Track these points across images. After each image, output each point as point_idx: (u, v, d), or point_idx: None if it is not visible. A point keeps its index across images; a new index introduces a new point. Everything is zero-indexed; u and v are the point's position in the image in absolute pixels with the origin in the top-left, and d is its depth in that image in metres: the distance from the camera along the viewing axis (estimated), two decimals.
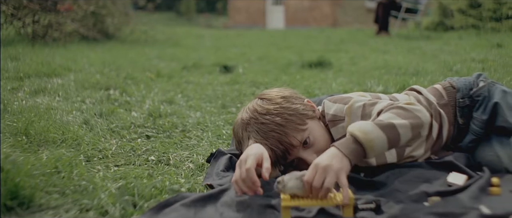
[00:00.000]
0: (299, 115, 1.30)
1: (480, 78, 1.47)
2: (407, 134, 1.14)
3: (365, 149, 1.08)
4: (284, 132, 1.26)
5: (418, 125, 1.16)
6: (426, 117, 1.18)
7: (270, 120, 1.27)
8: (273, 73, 3.16)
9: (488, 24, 7.72)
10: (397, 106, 1.20)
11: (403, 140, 1.14)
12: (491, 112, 1.38)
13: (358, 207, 1.09)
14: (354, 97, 1.34)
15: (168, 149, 1.54)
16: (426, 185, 1.23)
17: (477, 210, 1.04)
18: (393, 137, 1.11)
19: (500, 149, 1.34)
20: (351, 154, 1.07)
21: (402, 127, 1.13)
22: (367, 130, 1.09)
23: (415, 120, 1.15)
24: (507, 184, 1.22)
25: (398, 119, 1.14)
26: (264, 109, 1.30)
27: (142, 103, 2.21)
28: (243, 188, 1.12)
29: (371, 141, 1.08)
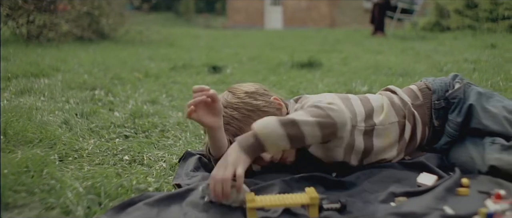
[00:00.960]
0: (258, 111, 1.30)
1: (456, 80, 1.47)
2: (314, 131, 1.12)
3: (262, 142, 1.10)
4: (239, 126, 1.28)
5: (328, 124, 1.13)
6: (340, 117, 1.15)
7: (228, 114, 1.29)
8: (262, 74, 3.16)
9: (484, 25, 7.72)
10: (313, 105, 1.19)
11: (310, 137, 1.12)
12: (466, 114, 1.38)
13: (323, 207, 1.09)
14: (309, 98, 1.33)
15: (143, 149, 1.54)
16: (395, 185, 1.23)
17: (441, 211, 1.04)
18: (295, 133, 1.11)
19: (474, 151, 1.34)
20: (248, 147, 1.09)
21: (305, 124, 1.12)
22: (266, 125, 1.11)
23: (325, 119, 1.14)
24: (477, 185, 1.22)
25: (305, 117, 1.13)
26: (227, 102, 1.32)
27: (126, 104, 2.22)
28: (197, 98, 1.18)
29: (267, 135, 1.10)
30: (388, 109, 1.37)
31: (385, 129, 1.34)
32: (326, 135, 1.15)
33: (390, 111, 1.37)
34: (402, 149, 1.38)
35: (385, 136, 1.34)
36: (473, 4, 8.14)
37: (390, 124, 1.35)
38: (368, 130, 1.32)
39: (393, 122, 1.36)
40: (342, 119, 1.16)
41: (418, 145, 1.44)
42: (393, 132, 1.35)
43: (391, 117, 1.36)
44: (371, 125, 1.32)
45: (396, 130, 1.36)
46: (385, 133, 1.34)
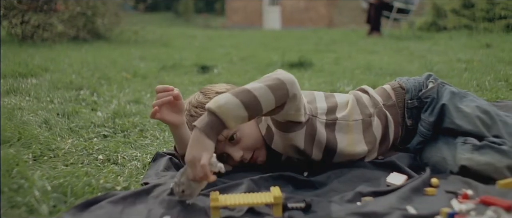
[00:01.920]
0: None
1: (429, 79, 1.47)
2: (267, 95, 1.13)
3: (218, 116, 1.07)
4: None
5: (277, 86, 1.15)
6: (286, 77, 1.17)
7: (198, 113, 1.30)
8: (250, 74, 3.16)
9: (480, 25, 7.70)
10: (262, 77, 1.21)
11: (265, 102, 1.13)
12: (439, 113, 1.38)
13: (288, 206, 1.09)
14: None
15: (118, 148, 1.54)
16: (364, 185, 1.23)
17: (404, 210, 1.04)
18: (249, 100, 1.11)
19: (446, 150, 1.34)
20: (206, 126, 1.06)
21: (256, 89, 1.13)
22: (218, 99, 1.10)
23: (273, 81, 1.15)
24: (446, 185, 1.22)
25: (254, 84, 1.15)
26: (197, 102, 1.33)
27: (109, 104, 2.22)
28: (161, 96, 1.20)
29: (222, 106, 1.08)
30: (352, 106, 1.38)
31: (348, 125, 1.35)
32: (278, 97, 1.15)
33: (354, 108, 1.38)
34: (373, 147, 1.38)
35: (348, 132, 1.34)
36: (470, 4, 8.12)
37: (353, 121, 1.35)
38: (329, 123, 1.32)
39: (356, 120, 1.36)
40: (289, 78, 1.18)
41: (392, 144, 1.44)
42: (356, 128, 1.35)
43: (355, 115, 1.36)
44: (333, 119, 1.33)
45: (359, 127, 1.36)
46: (348, 129, 1.34)
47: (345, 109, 1.38)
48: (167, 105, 1.23)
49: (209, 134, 1.06)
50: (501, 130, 1.36)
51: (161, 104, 1.20)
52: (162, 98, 1.21)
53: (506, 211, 1.05)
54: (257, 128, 1.36)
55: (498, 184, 1.19)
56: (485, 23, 7.78)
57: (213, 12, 20.85)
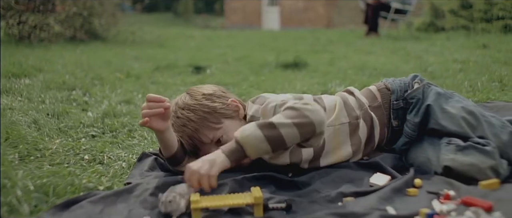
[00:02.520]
0: (215, 114, 1.32)
1: (415, 80, 1.47)
2: (292, 132, 1.14)
3: (242, 145, 1.13)
4: (195, 128, 1.29)
5: (305, 124, 1.15)
6: (316, 115, 1.17)
7: (185, 115, 1.30)
8: (243, 74, 3.17)
9: (478, 25, 7.70)
10: (288, 107, 1.20)
11: (290, 139, 1.14)
12: (424, 114, 1.38)
13: (269, 206, 1.09)
14: (269, 98, 1.34)
15: (105, 148, 1.54)
16: (347, 185, 1.24)
17: (383, 211, 1.05)
18: (273, 135, 1.13)
19: (431, 151, 1.34)
20: (229, 151, 1.13)
21: (283, 126, 1.14)
22: (245, 129, 1.15)
23: (301, 119, 1.15)
24: (429, 185, 1.23)
25: (282, 119, 1.15)
26: (184, 103, 1.33)
27: (100, 104, 2.22)
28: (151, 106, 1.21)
29: (246, 137, 1.12)
30: (339, 109, 1.38)
31: (335, 129, 1.35)
32: (304, 134, 1.16)
33: (342, 111, 1.38)
34: (358, 149, 1.38)
35: (334, 136, 1.35)
36: (468, 4, 8.12)
37: (340, 125, 1.36)
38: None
39: (343, 123, 1.36)
40: (319, 117, 1.18)
41: (377, 145, 1.44)
42: (343, 132, 1.36)
43: (342, 118, 1.37)
44: None
45: (346, 130, 1.36)
46: (334, 133, 1.35)
47: (332, 113, 1.38)
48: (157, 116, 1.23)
49: (229, 156, 1.13)
50: (486, 130, 1.36)
51: (152, 115, 1.20)
52: (153, 108, 1.20)
53: (486, 212, 1.05)
54: None
55: (481, 185, 1.19)
56: (483, 23, 7.77)
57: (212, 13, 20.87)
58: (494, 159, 1.26)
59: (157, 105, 1.21)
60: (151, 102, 1.21)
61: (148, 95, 1.22)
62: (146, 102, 1.21)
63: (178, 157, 1.31)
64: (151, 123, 1.22)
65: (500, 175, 1.25)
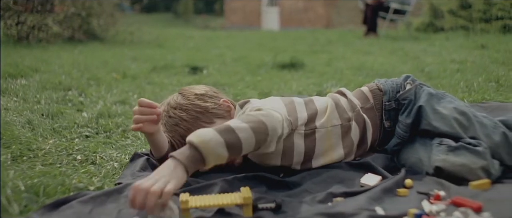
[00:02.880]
0: (207, 113, 1.32)
1: (407, 81, 1.47)
2: (249, 136, 1.09)
3: (201, 152, 1.03)
4: (187, 127, 1.29)
5: (260, 129, 1.11)
6: (272, 123, 1.13)
7: (177, 115, 1.31)
8: (240, 75, 3.17)
9: (477, 25, 7.69)
10: (247, 113, 1.19)
11: (247, 143, 1.09)
12: (416, 115, 1.38)
13: (258, 206, 1.09)
14: (251, 102, 1.34)
15: (98, 149, 1.55)
16: (338, 185, 1.24)
17: (372, 211, 1.05)
18: (232, 140, 1.07)
19: (422, 152, 1.34)
20: (186, 159, 1.01)
21: (241, 130, 1.09)
22: (202, 134, 1.05)
23: (256, 124, 1.11)
24: (420, 186, 1.22)
25: (239, 123, 1.11)
26: (176, 103, 1.33)
27: (95, 104, 2.23)
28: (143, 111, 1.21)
29: (206, 143, 1.03)
30: (331, 111, 1.38)
31: (327, 131, 1.35)
32: (258, 141, 1.12)
33: (333, 113, 1.38)
34: (350, 151, 1.38)
35: (326, 138, 1.34)
36: (467, 4, 8.12)
37: (332, 127, 1.36)
38: (308, 133, 1.32)
39: (335, 125, 1.36)
40: (272, 124, 1.14)
41: (370, 147, 1.44)
42: (335, 134, 1.36)
43: (334, 120, 1.36)
44: (312, 128, 1.33)
45: (338, 132, 1.36)
46: (326, 135, 1.35)
47: (324, 115, 1.37)
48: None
49: (187, 167, 1.01)
50: (478, 131, 1.36)
51: (144, 121, 1.19)
52: (145, 114, 1.20)
53: (475, 212, 1.05)
54: None
55: (471, 185, 1.19)
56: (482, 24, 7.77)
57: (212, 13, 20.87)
58: (485, 159, 1.25)
59: (149, 111, 1.21)
60: (144, 108, 1.21)
61: (140, 100, 1.22)
62: (138, 106, 1.20)
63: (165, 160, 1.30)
64: (143, 127, 1.23)
65: (492, 176, 1.25)
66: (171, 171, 0.99)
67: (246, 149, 1.10)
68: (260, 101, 1.37)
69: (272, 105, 1.28)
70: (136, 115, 1.22)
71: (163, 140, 1.27)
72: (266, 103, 1.36)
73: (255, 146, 1.12)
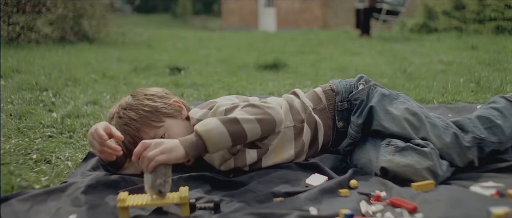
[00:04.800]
0: (156, 113, 1.33)
1: (360, 82, 1.48)
2: (255, 128, 1.16)
3: (204, 140, 1.11)
4: (136, 127, 1.30)
5: (267, 121, 1.18)
6: (277, 114, 1.21)
7: (127, 115, 1.32)
8: (218, 75, 3.18)
9: (471, 26, 7.69)
10: (249, 104, 1.23)
11: (252, 134, 1.16)
12: (367, 116, 1.39)
13: (196, 206, 1.10)
14: (218, 102, 1.35)
15: (55, 149, 1.56)
16: (284, 185, 1.24)
17: (305, 211, 1.05)
18: (236, 131, 1.14)
19: (372, 152, 1.35)
20: (189, 145, 1.10)
21: (246, 122, 1.15)
22: (206, 123, 1.14)
23: (263, 115, 1.18)
24: (366, 186, 1.23)
25: (245, 115, 1.17)
26: (127, 104, 1.35)
27: (67, 105, 2.24)
28: (103, 151, 1.21)
29: (209, 131, 1.11)
30: (285, 113, 1.39)
31: (280, 133, 1.36)
32: (264, 131, 1.19)
33: (287, 115, 1.39)
34: (301, 151, 1.39)
35: (279, 139, 1.35)
36: (461, 5, 8.12)
37: (285, 128, 1.37)
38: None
39: (288, 126, 1.37)
40: (279, 116, 1.22)
41: (322, 147, 1.45)
42: (287, 135, 1.37)
43: (287, 121, 1.38)
44: None
45: (291, 134, 1.37)
46: (279, 136, 1.35)
47: None
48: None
49: (187, 150, 1.10)
50: (429, 131, 1.37)
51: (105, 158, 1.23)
52: (108, 153, 1.22)
53: (410, 213, 1.06)
54: (188, 129, 1.37)
55: (413, 186, 1.20)
56: (475, 25, 7.77)
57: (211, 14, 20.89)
58: (431, 160, 1.26)
59: (112, 153, 1.22)
60: (108, 149, 1.21)
61: (106, 143, 1.20)
62: (101, 141, 1.19)
63: (119, 161, 1.31)
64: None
65: (438, 176, 1.26)
66: (172, 147, 1.09)
67: (251, 138, 1.18)
68: (220, 99, 1.39)
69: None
70: (99, 150, 1.21)
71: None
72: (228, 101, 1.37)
73: (261, 136, 1.19)
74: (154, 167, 1.07)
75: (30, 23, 5.15)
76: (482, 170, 1.36)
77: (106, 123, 1.25)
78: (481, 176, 1.30)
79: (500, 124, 1.45)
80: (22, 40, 5.22)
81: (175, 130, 1.34)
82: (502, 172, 1.33)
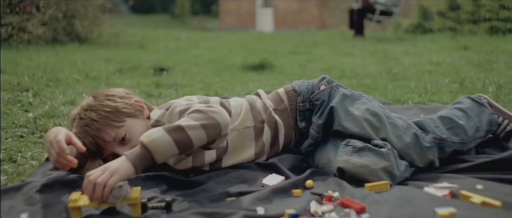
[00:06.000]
0: (117, 113, 1.34)
1: (322, 82, 1.48)
2: (200, 134, 1.17)
3: (149, 150, 1.11)
4: (97, 127, 1.31)
5: (212, 125, 1.18)
6: (221, 117, 1.21)
7: (88, 116, 1.32)
8: (202, 75, 3.19)
9: (465, 27, 7.69)
10: (194, 110, 1.23)
11: (197, 140, 1.17)
12: (328, 116, 1.39)
13: (148, 206, 1.11)
14: (175, 103, 1.36)
15: (22, 148, 1.57)
16: (241, 185, 1.25)
17: (252, 211, 1.06)
18: (182, 138, 1.14)
19: (332, 153, 1.36)
20: (135, 158, 1.11)
21: (191, 128, 1.16)
22: (151, 133, 1.13)
23: (208, 120, 1.18)
24: (322, 186, 1.23)
25: (189, 121, 1.17)
26: (88, 105, 1.36)
27: (44, 105, 2.25)
28: (59, 162, 1.20)
29: (154, 141, 1.11)
30: (245, 113, 1.40)
31: (239, 133, 1.37)
32: (210, 136, 1.19)
33: (247, 115, 1.40)
34: (261, 152, 1.40)
35: (239, 140, 1.37)
36: (456, 6, 8.11)
37: (245, 129, 1.38)
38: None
39: (248, 127, 1.38)
40: (224, 119, 1.21)
41: (284, 148, 1.46)
42: (247, 136, 1.38)
43: (247, 122, 1.39)
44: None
45: (251, 134, 1.38)
46: (239, 137, 1.37)
47: (238, 117, 1.40)
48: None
49: (134, 163, 1.10)
50: (389, 132, 1.38)
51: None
52: (64, 165, 1.22)
53: (357, 213, 1.07)
54: (149, 129, 1.38)
55: (366, 187, 1.20)
56: (470, 25, 7.77)
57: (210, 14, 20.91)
58: (387, 160, 1.26)
59: (68, 165, 1.22)
60: (64, 161, 1.20)
61: (65, 156, 1.20)
62: (60, 153, 1.19)
63: (80, 163, 1.32)
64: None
65: (395, 177, 1.26)
66: (117, 165, 1.09)
67: (197, 145, 1.18)
68: (178, 100, 1.40)
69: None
70: (54, 159, 1.21)
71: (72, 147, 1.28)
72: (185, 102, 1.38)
73: (207, 141, 1.19)
74: (109, 192, 1.06)
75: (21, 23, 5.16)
76: (442, 170, 1.37)
77: (66, 131, 1.24)
78: (440, 177, 1.31)
79: (463, 124, 1.46)
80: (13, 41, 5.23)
81: (137, 129, 1.35)
82: (462, 172, 1.34)
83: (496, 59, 4.30)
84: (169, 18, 20.32)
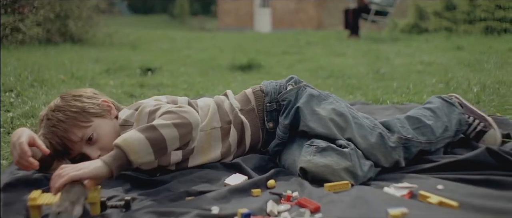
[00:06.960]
0: (84, 113, 1.35)
1: (289, 82, 1.49)
2: (172, 132, 1.17)
3: (123, 150, 1.11)
4: (64, 128, 1.32)
5: (183, 124, 1.19)
6: (192, 117, 1.22)
7: (54, 116, 1.33)
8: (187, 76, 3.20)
9: (461, 27, 7.68)
10: (166, 111, 1.24)
11: (170, 138, 1.17)
12: (294, 116, 1.40)
13: (107, 204, 1.12)
14: (144, 103, 1.37)
15: None
16: (203, 185, 1.26)
17: (206, 210, 1.07)
18: (154, 136, 1.15)
19: (297, 153, 1.36)
20: (109, 157, 1.11)
21: (163, 127, 1.16)
22: (126, 136, 1.14)
23: (179, 119, 1.19)
24: (284, 186, 1.24)
25: (161, 121, 1.18)
26: (55, 106, 1.37)
27: (25, 105, 2.26)
28: (21, 163, 1.21)
29: (127, 140, 1.12)
30: (212, 114, 1.41)
31: (206, 134, 1.38)
32: (183, 135, 1.20)
33: (214, 116, 1.41)
34: (227, 152, 1.41)
35: (205, 140, 1.38)
36: (452, 6, 8.10)
37: (212, 129, 1.39)
38: None
39: (215, 127, 1.40)
40: (194, 119, 1.22)
41: (251, 148, 1.46)
42: (214, 136, 1.39)
43: (214, 123, 1.40)
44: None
45: (218, 135, 1.39)
46: (205, 138, 1.38)
47: (205, 117, 1.41)
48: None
49: (109, 164, 1.09)
50: (354, 132, 1.38)
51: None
52: (25, 167, 1.23)
53: (311, 213, 1.08)
54: (117, 128, 1.39)
55: (325, 187, 1.21)
56: (465, 25, 7.76)
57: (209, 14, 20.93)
58: (350, 160, 1.27)
59: (29, 168, 1.23)
60: (25, 163, 1.21)
61: (26, 158, 1.21)
62: (22, 155, 1.20)
63: (46, 162, 1.33)
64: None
65: (358, 177, 1.27)
66: (88, 164, 1.10)
67: (171, 144, 1.18)
68: (146, 101, 1.41)
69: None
70: (17, 160, 1.22)
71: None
72: (153, 102, 1.39)
73: (180, 141, 1.19)
74: (64, 184, 1.05)
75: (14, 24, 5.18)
76: (407, 170, 1.37)
77: (30, 132, 1.25)
78: (405, 177, 1.31)
79: (430, 124, 1.47)
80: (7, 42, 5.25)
81: (104, 129, 1.36)
82: (426, 172, 1.34)
83: (487, 59, 4.30)
84: (169, 18, 20.35)
